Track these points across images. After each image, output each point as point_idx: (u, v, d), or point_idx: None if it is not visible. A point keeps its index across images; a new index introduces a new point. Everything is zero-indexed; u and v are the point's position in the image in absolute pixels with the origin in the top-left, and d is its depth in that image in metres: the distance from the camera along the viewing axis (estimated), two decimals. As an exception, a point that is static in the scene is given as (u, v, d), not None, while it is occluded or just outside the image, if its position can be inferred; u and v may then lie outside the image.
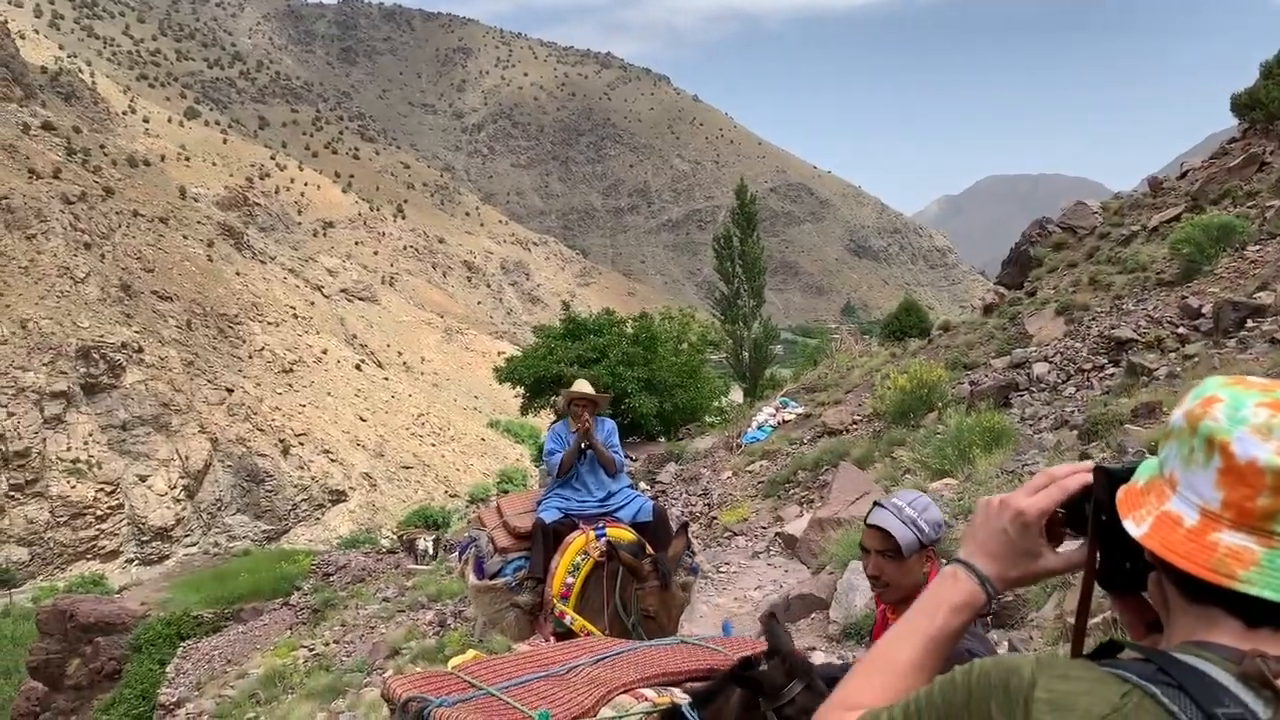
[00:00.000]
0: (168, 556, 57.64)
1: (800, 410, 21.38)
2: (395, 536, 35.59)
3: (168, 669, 24.27)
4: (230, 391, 68.68)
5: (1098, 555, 1.17)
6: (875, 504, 2.93)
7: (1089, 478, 1.18)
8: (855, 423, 17.78)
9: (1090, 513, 1.16)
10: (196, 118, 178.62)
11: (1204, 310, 12.83)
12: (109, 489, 57.67)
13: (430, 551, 27.91)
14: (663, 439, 28.36)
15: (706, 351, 35.79)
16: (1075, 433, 10.80)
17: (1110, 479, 1.15)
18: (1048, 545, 1.22)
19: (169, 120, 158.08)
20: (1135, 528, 1.07)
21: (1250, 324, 11.31)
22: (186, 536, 60.62)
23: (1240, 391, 1.03)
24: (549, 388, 27.33)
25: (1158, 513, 1.06)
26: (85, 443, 58.47)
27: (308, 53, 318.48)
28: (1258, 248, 14.86)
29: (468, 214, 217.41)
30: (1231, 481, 1.00)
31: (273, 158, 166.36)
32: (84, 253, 69.74)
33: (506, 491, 34.32)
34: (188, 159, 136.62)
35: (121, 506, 57.98)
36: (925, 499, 2.83)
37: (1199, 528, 1.02)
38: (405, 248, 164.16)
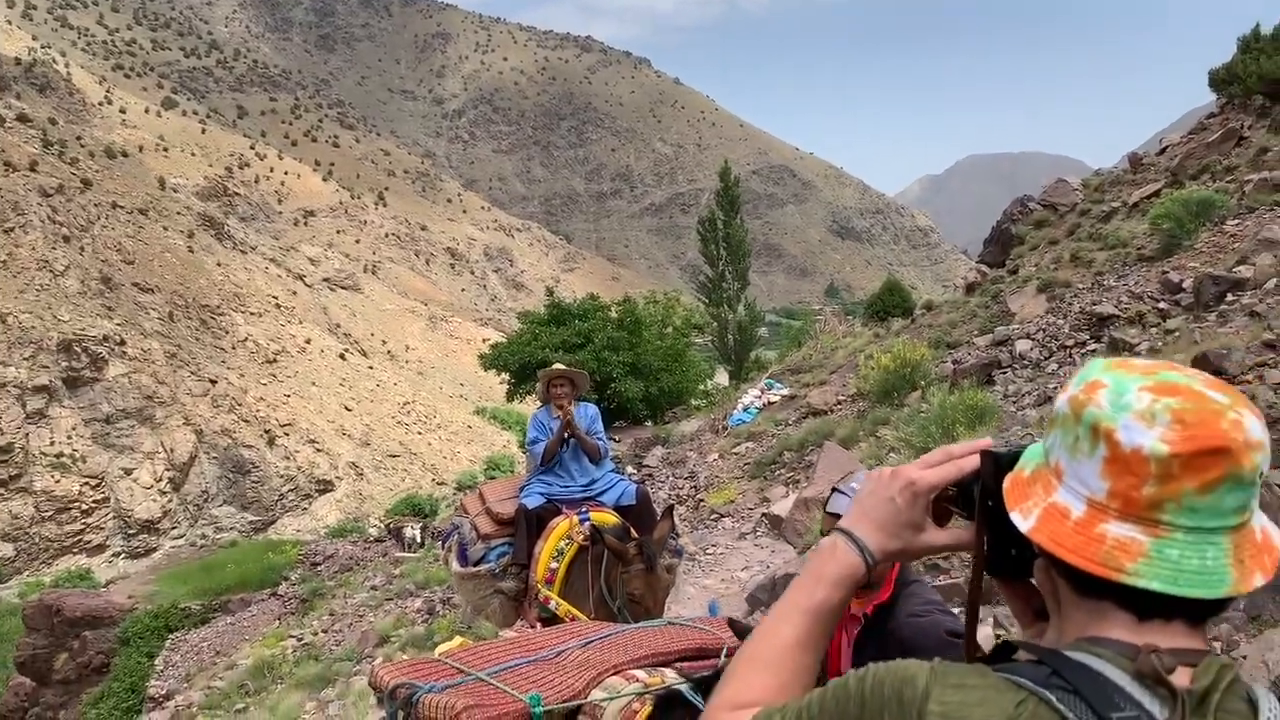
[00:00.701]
0: (155, 549, 57.41)
1: (785, 392, 21.42)
2: (383, 525, 35.57)
3: (156, 662, 24.21)
4: (214, 383, 68.29)
5: (985, 541, 1.13)
6: (833, 489, 2.90)
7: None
8: (840, 403, 17.83)
9: (977, 497, 1.13)
10: (174, 108, 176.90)
11: (1184, 285, 12.89)
12: (94, 483, 57.36)
13: (418, 539, 27.91)
14: (649, 423, 28.39)
15: (691, 335, 35.80)
16: (1058, 409, 10.83)
17: (997, 464, 1.12)
18: (932, 521, 1.18)
19: (146, 111, 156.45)
20: (1023, 520, 1.03)
21: (1230, 298, 11.36)
22: (173, 529, 60.37)
23: (1124, 375, 1.01)
24: (534, 374, 27.30)
25: (1045, 504, 1.02)
26: (69, 437, 58.10)
27: (285, 40, 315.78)
28: (1237, 222, 14.94)
29: (449, 201, 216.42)
30: (1117, 471, 0.96)
31: (252, 147, 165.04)
32: (63, 245, 69.09)
33: (493, 478, 34.33)
34: (166, 149, 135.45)
35: (107, 500, 57.68)
36: None
37: (1086, 519, 0.98)
38: (387, 235, 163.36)
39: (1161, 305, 12.99)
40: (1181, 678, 0.94)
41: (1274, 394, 6.80)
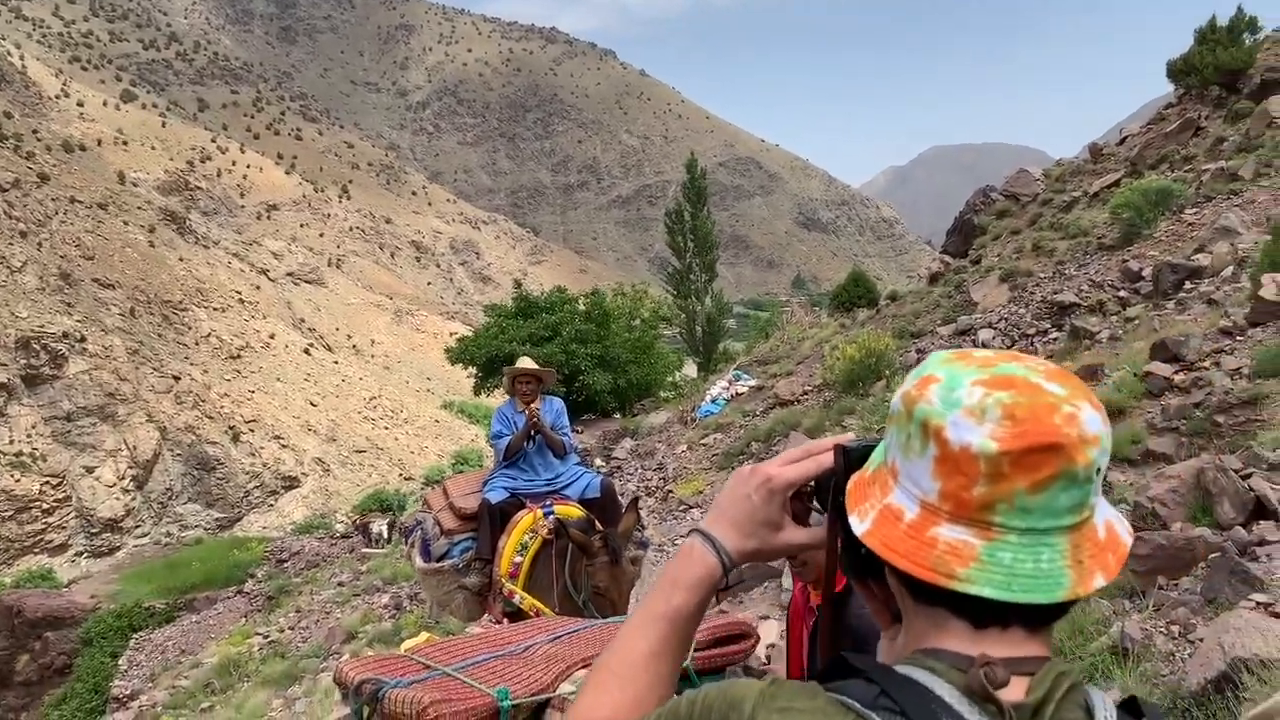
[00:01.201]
0: (118, 548, 56.64)
1: (753, 383, 21.48)
2: (350, 521, 35.33)
3: (120, 661, 23.95)
4: (177, 379, 67.45)
5: (838, 541, 1.07)
6: None
7: None
8: (806, 393, 17.92)
9: (831, 494, 1.07)
10: (133, 101, 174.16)
11: (1144, 273, 13.06)
12: (55, 481, 56.46)
13: (385, 535, 27.75)
14: (617, 415, 28.39)
15: (659, 327, 35.78)
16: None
17: (848, 459, 1.06)
18: (792, 520, 1.13)
19: (104, 104, 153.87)
20: (859, 523, 0.98)
21: (1188, 285, 11.53)
22: (137, 527, 59.60)
23: (959, 368, 0.95)
24: (502, 367, 27.25)
25: (880, 506, 0.97)
26: (28, 435, 57.14)
27: (246, 32, 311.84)
28: (1195, 211, 15.15)
29: (414, 193, 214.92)
30: (947, 470, 0.90)
31: (213, 140, 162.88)
32: (20, 241, 67.87)
33: (461, 472, 34.19)
34: (125, 143, 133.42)
35: (69, 499, 56.81)
36: None
37: (919, 522, 0.93)
38: (351, 229, 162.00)
39: (1122, 293, 13.16)
40: (1017, 688, 0.89)
41: (1229, 380, 6.90)
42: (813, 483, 1.12)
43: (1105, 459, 0.92)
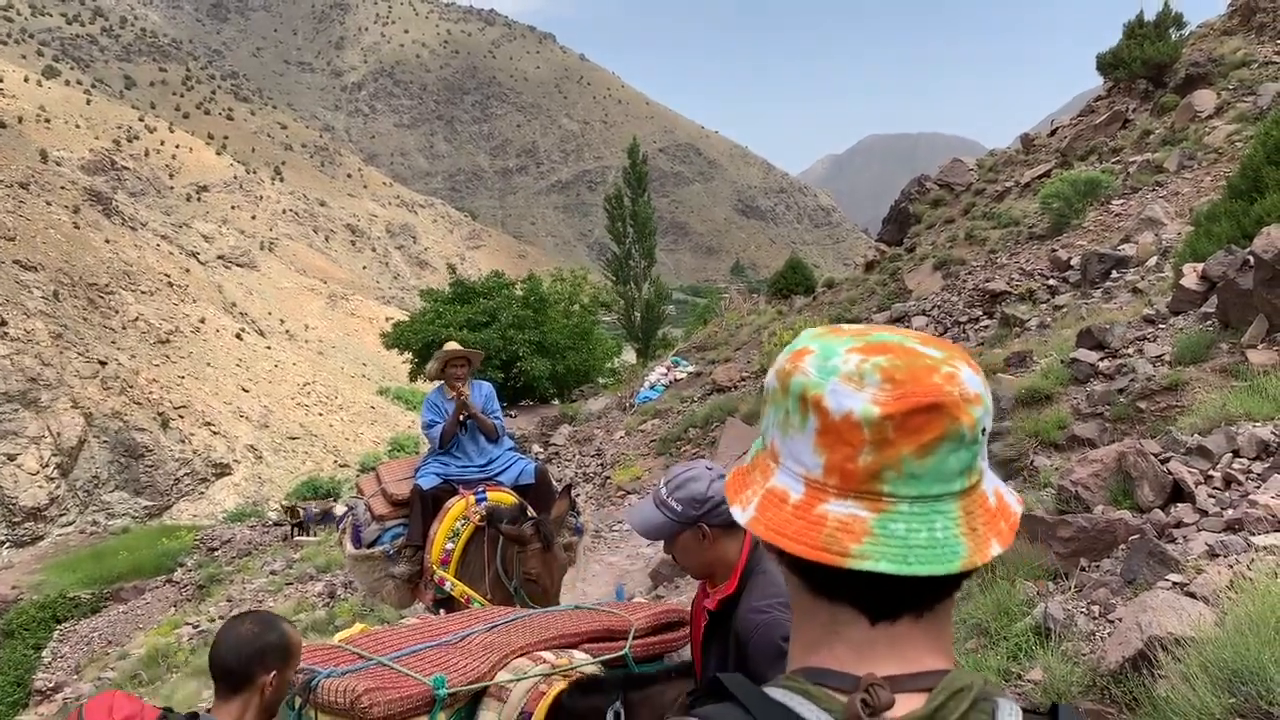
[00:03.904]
0: (41, 537, 55.11)
1: (691, 369, 21.58)
2: (281, 509, 34.78)
3: (44, 653, 23.45)
4: (104, 364, 65.70)
5: None
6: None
7: None
8: (744, 379, 18.05)
9: None
10: (56, 77, 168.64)
11: (1072, 262, 13.34)
12: (-27, 469, 54.77)
13: (314, 517, 27.41)
14: (556, 401, 28.31)
15: (599, 313, 35.75)
16: (952, 383, 11.12)
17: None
18: None
19: (26, 80, 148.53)
20: (741, 512, 0.92)
21: (1115, 275, 11.79)
22: (61, 516, 58.02)
23: (832, 340, 0.91)
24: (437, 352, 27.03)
25: (763, 491, 0.91)
26: (-55, 422, 55.33)
27: (175, 8, 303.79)
28: (1122, 201, 15.51)
29: (349, 176, 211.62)
30: (830, 442, 0.85)
31: (141, 119, 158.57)
32: (-65, 221, 65.52)
33: (396, 458, 33.90)
34: (48, 121, 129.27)
35: (-12, 487, 55.13)
36: (687, 473, 2.53)
37: (805, 501, 0.87)
38: (284, 211, 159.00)
39: (1051, 282, 13.43)
40: (913, 702, 0.84)
41: (1151, 366, 7.08)
42: None
43: (989, 420, 0.88)
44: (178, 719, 2.53)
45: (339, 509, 28.31)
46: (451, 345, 6.67)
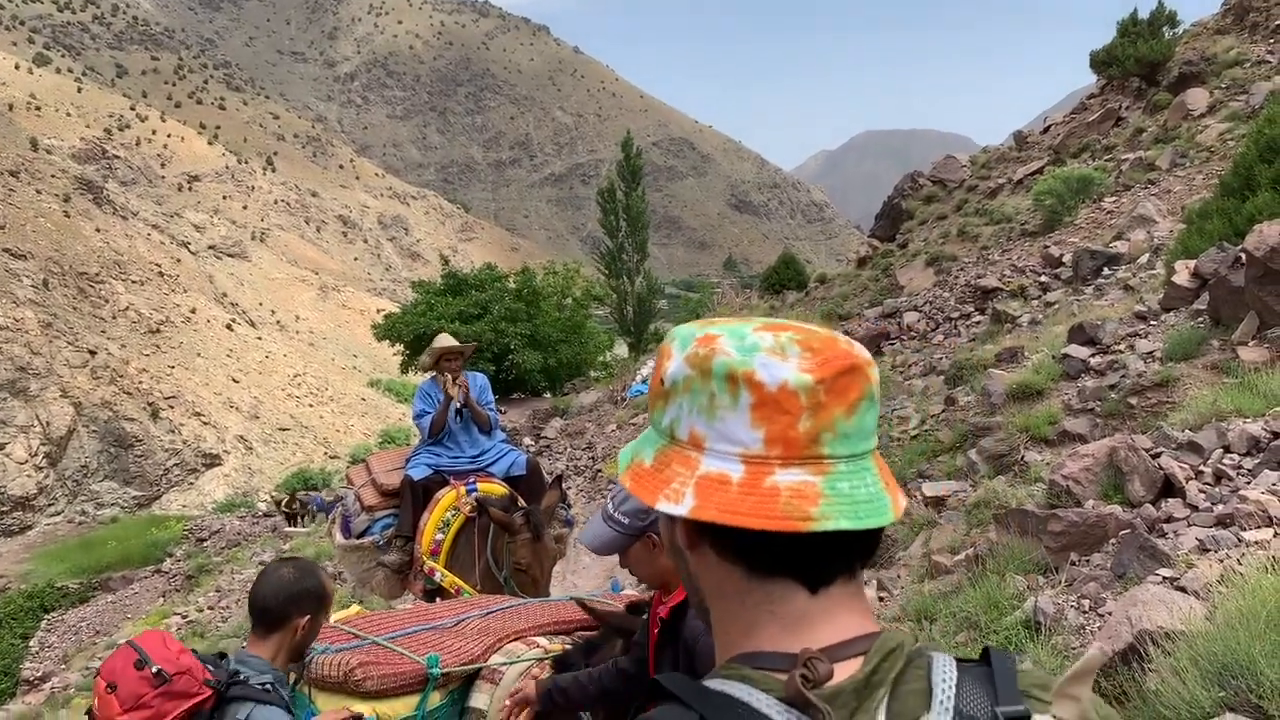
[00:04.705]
0: (30, 527, 54.91)
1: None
2: (271, 500, 34.71)
3: (31, 643, 23.34)
4: (93, 354, 65.44)
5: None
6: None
7: None
8: (735, 374, 18.03)
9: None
10: (47, 64, 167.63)
11: (1064, 259, 13.37)
12: (-39, 459, 54.55)
13: (321, 505, 27.34)
14: (548, 394, 28.28)
15: (591, 306, 35.70)
16: (942, 378, 11.17)
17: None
18: None
19: (16, 67, 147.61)
20: (676, 506, 0.90)
21: (1107, 272, 11.82)
22: (50, 505, 57.82)
23: (730, 325, 0.93)
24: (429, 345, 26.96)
25: (694, 480, 0.90)
26: (-68, 410, 55.07)
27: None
28: (1114, 198, 15.56)
29: (341, 167, 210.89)
30: (768, 413, 0.87)
31: (132, 108, 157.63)
32: (-77, 208, 65.12)
33: (386, 449, 33.81)
34: (39, 109, 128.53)
35: (-25, 476, 54.92)
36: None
37: (749, 479, 0.87)
38: (276, 202, 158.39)
39: (1043, 279, 13.46)
40: (851, 667, 0.87)
41: (1143, 363, 7.09)
42: None
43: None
44: (206, 659, 2.70)
45: (317, 496, 28.27)
46: (445, 340, 6.64)
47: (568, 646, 3.36)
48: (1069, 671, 0.84)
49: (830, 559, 0.89)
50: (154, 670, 2.58)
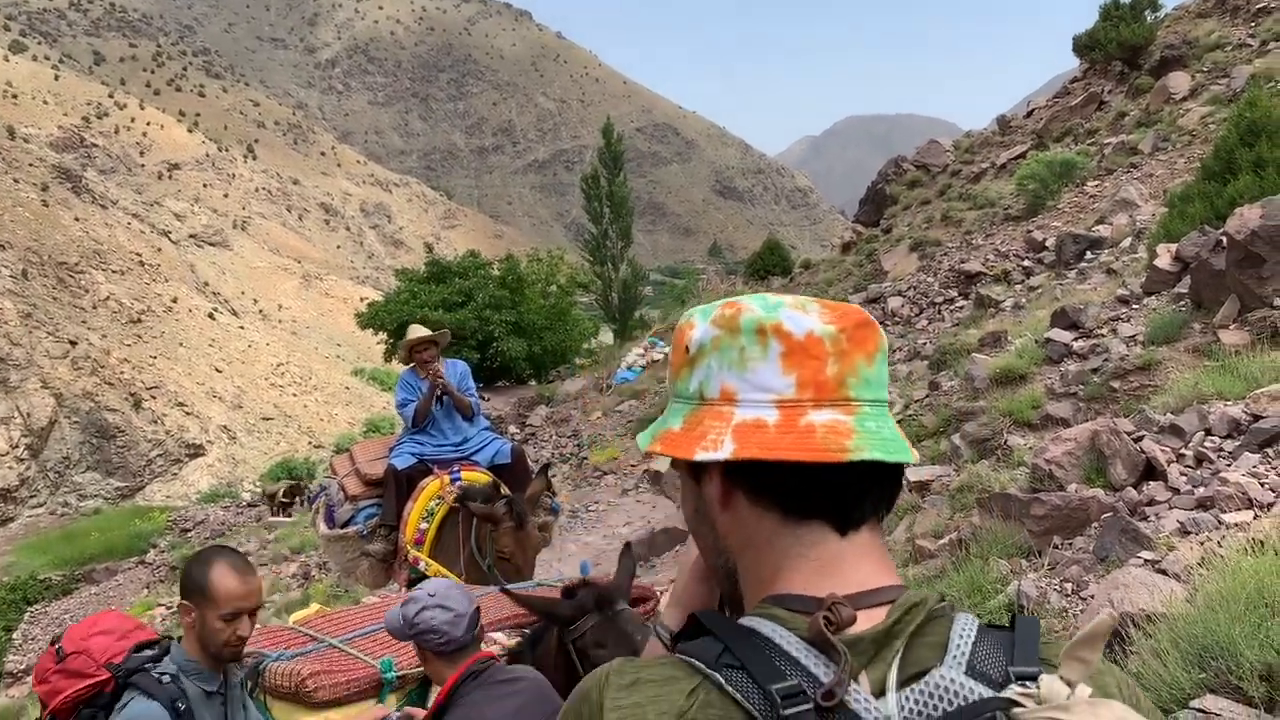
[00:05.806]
0: (11, 519, 54.54)
1: (668, 350, 21.54)
2: (264, 493, 34.60)
3: (14, 636, 23.20)
4: (74, 344, 64.97)
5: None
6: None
7: None
8: (720, 360, 18.04)
9: None
10: (23, 52, 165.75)
11: (1047, 243, 13.41)
12: (-59, 450, 54.15)
13: (301, 499, 27.24)
14: (532, 382, 28.25)
15: (575, 293, 35.61)
16: (926, 363, 11.20)
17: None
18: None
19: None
20: (715, 454, 0.94)
21: (1089, 256, 11.85)
22: (32, 497, 57.51)
23: (747, 298, 1.00)
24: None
25: (730, 428, 0.95)
26: (-89, 402, 54.60)
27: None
28: (1096, 183, 15.59)
29: (323, 154, 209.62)
30: (799, 360, 0.94)
31: (111, 96, 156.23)
32: (-101, 198, 64.39)
33: (370, 439, 33.73)
34: (15, 97, 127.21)
35: (-44, 468, 54.53)
36: (415, 592, 2.80)
37: (785, 420, 0.93)
38: (257, 190, 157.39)
39: (1026, 263, 13.49)
40: (874, 617, 0.90)
41: (1125, 346, 7.12)
42: None
43: None
44: (149, 644, 2.71)
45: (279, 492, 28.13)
46: (416, 330, 6.58)
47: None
48: (1079, 634, 0.86)
49: (860, 500, 0.95)
50: (56, 648, 2.67)
